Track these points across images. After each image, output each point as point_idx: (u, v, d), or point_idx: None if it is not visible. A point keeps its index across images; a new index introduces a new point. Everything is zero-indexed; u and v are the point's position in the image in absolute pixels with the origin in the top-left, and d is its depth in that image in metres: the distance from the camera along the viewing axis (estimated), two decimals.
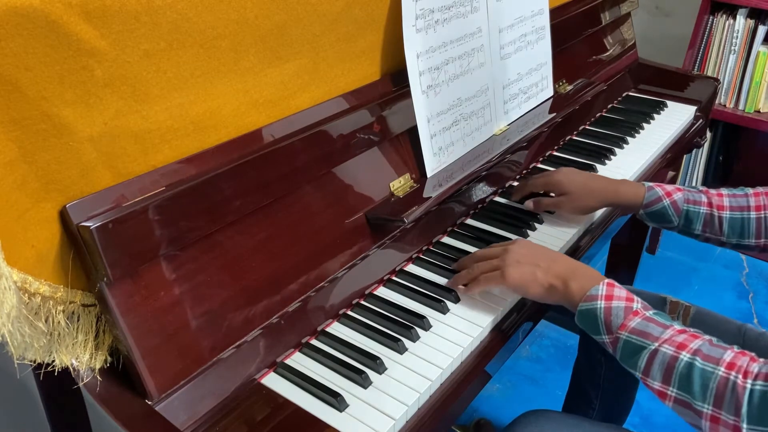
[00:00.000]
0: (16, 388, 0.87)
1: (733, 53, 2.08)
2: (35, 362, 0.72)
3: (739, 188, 1.06)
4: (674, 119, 1.60)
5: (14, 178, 0.65)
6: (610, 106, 1.65)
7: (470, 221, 1.18)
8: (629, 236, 1.82)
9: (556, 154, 1.42)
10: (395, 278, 1.03)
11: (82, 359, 0.73)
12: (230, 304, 0.82)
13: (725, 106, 2.15)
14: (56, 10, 0.64)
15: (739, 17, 2.04)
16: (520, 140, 1.22)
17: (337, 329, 0.93)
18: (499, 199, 1.25)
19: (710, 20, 2.10)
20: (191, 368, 0.77)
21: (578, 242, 1.17)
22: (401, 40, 1.00)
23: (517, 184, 1.26)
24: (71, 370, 0.74)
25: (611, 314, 0.82)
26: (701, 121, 1.65)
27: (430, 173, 1.09)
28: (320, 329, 0.92)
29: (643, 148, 1.46)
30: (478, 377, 0.89)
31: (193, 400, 0.77)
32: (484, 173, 1.19)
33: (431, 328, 0.93)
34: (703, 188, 1.08)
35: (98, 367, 0.75)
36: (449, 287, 0.99)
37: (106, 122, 0.71)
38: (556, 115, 1.33)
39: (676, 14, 2.45)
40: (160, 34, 0.74)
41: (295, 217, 0.90)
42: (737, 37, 2.05)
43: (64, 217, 0.69)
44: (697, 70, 2.16)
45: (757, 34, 2.03)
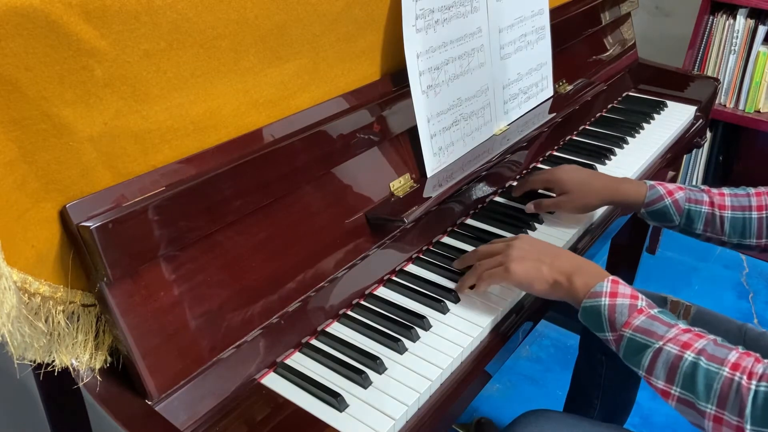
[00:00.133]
0: (16, 388, 0.87)
1: (733, 53, 2.08)
2: (35, 362, 0.72)
3: (740, 188, 1.06)
4: (674, 119, 1.60)
5: (14, 178, 0.65)
6: (610, 106, 1.65)
7: (470, 221, 1.18)
8: (629, 236, 1.82)
9: (556, 154, 1.42)
10: (395, 278, 1.03)
11: (82, 359, 0.73)
12: (230, 304, 0.82)
13: (725, 106, 2.15)
14: (56, 10, 0.64)
15: (739, 17, 2.04)
16: (520, 140, 1.22)
17: (337, 329, 0.93)
18: (499, 199, 1.25)
19: (710, 20, 2.10)
20: (191, 368, 0.77)
21: (578, 242, 1.17)
22: (401, 40, 1.00)
23: (517, 182, 1.26)
24: (71, 370, 0.74)
25: (615, 312, 0.81)
26: (701, 121, 1.65)
27: (430, 173, 1.09)
28: (320, 329, 0.92)
29: (643, 148, 1.46)
30: (478, 377, 0.89)
31: (193, 400, 0.77)
32: (484, 173, 1.19)
33: (431, 328, 0.93)
34: (704, 187, 1.07)
35: (98, 367, 0.75)
36: (457, 291, 0.98)
37: (106, 122, 0.71)
38: (556, 115, 1.33)
39: (676, 14, 2.45)
40: (160, 34, 0.74)
41: (295, 217, 0.90)
42: (737, 37, 2.05)
43: (64, 217, 0.69)
44: (697, 70, 2.16)
45: (757, 34, 2.03)
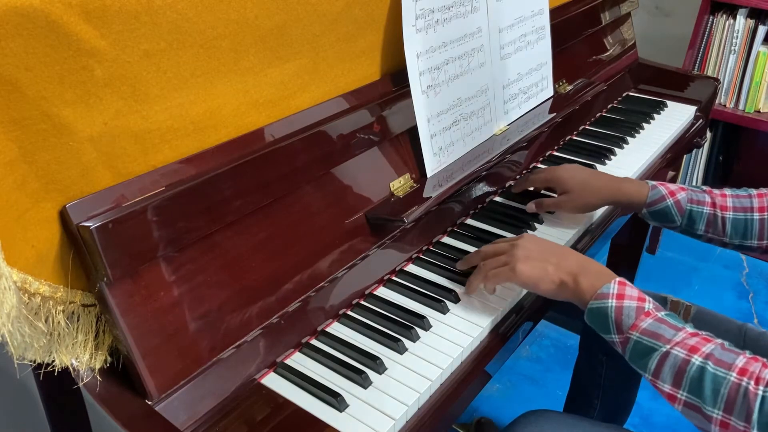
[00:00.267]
0: (16, 388, 0.87)
1: (733, 53, 2.08)
2: (35, 362, 0.72)
3: (742, 189, 1.06)
4: (674, 119, 1.60)
5: (14, 178, 0.65)
6: (610, 106, 1.65)
7: (470, 221, 1.18)
8: (629, 236, 1.82)
9: (556, 154, 1.42)
10: (395, 278, 1.03)
11: (82, 359, 0.73)
12: (230, 304, 0.82)
13: (725, 106, 2.15)
14: (56, 10, 0.64)
15: (739, 17, 2.04)
16: (520, 140, 1.22)
17: (337, 329, 0.93)
18: (499, 199, 1.25)
19: (710, 20, 2.10)
20: (191, 368, 0.77)
21: (578, 242, 1.17)
22: (401, 40, 1.00)
23: (517, 180, 1.26)
24: (71, 370, 0.74)
25: (622, 314, 0.81)
26: (701, 121, 1.65)
27: (430, 173, 1.09)
28: (320, 329, 0.92)
29: (643, 148, 1.46)
30: (478, 377, 0.89)
31: (193, 400, 0.77)
32: (484, 173, 1.19)
33: (431, 328, 0.93)
34: (706, 188, 1.07)
35: (98, 367, 0.75)
36: (466, 293, 0.97)
37: (106, 122, 0.71)
38: (556, 115, 1.33)
39: (676, 14, 2.45)
40: (160, 34, 0.74)
41: (295, 217, 0.90)
42: (737, 37, 2.05)
43: (64, 217, 0.69)
44: (697, 70, 2.16)
45: (757, 34, 2.03)
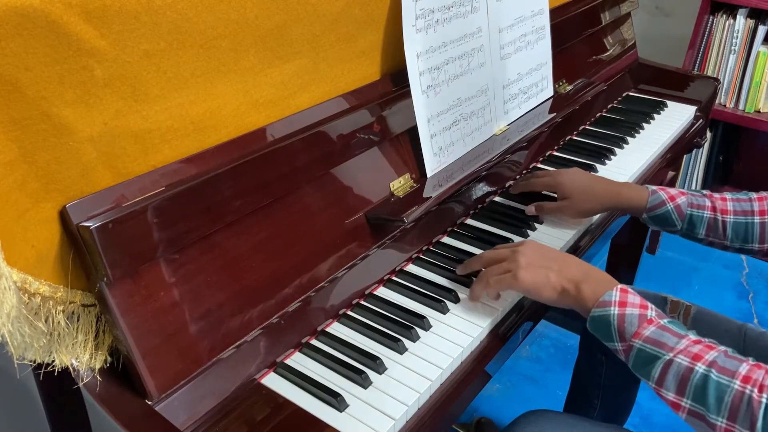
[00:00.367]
0: (16, 388, 0.87)
1: (733, 53, 2.08)
2: (35, 362, 0.72)
3: (743, 192, 1.05)
4: (674, 119, 1.60)
5: (14, 178, 0.65)
6: (610, 106, 1.65)
7: (470, 221, 1.18)
8: (629, 236, 1.82)
9: (556, 154, 1.42)
10: (395, 278, 1.03)
11: (82, 359, 0.73)
12: (230, 304, 0.82)
13: (725, 106, 2.15)
14: (56, 10, 0.64)
15: (739, 17, 2.04)
16: (520, 140, 1.22)
17: (337, 329, 0.93)
18: (499, 199, 1.25)
19: (710, 20, 2.10)
20: (191, 368, 0.77)
21: (578, 242, 1.17)
22: (401, 40, 1.00)
23: (519, 179, 1.26)
24: (71, 370, 0.74)
25: (625, 321, 0.80)
26: (701, 121, 1.65)
27: (430, 173, 1.09)
28: (320, 329, 0.92)
29: (643, 148, 1.46)
30: (478, 377, 0.89)
31: (193, 400, 0.77)
32: (484, 173, 1.19)
33: (431, 328, 0.93)
34: (706, 192, 1.07)
35: (98, 367, 0.75)
36: (470, 299, 0.96)
37: (106, 122, 0.71)
38: (556, 115, 1.33)
39: (676, 14, 2.45)
40: (160, 34, 0.74)
41: (295, 217, 0.90)
42: (737, 37, 2.05)
43: (64, 217, 0.69)
44: (697, 70, 2.16)
45: (757, 34, 2.03)
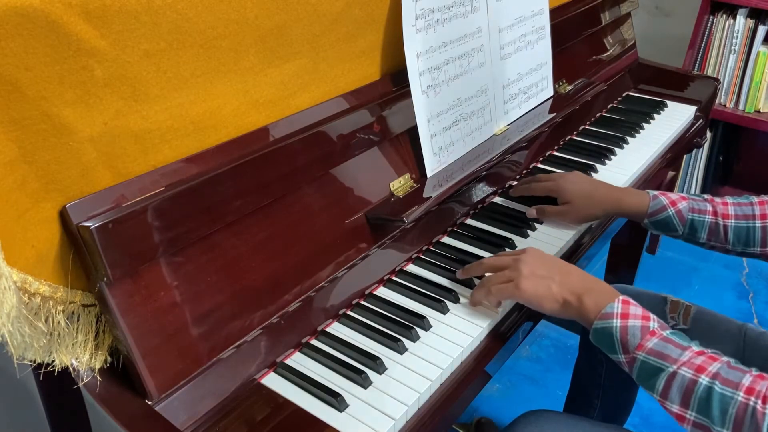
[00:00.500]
0: (16, 388, 0.87)
1: (733, 53, 2.08)
2: (35, 362, 0.72)
3: (743, 196, 1.05)
4: (674, 119, 1.60)
5: (14, 178, 0.65)
6: (610, 106, 1.65)
7: (470, 221, 1.18)
8: (629, 236, 1.82)
9: (556, 154, 1.42)
10: (395, 278, 1.03)
11: (82, 359, 0.73)
12: (230, 304, 0.82)
13: (725, 106, 2.15)
14: (56, 10, 0.64)
15: (739, 17, 2.04)
16: (520, 140, 1.22)
17: (337, 329, 0.93)
18: (499, 199, 1.25)
19: (710, 20, 2.10)
20: (191, 368, 0.77)
21: (578, 242, 1.17)
22: (401, 40, 1.00)
23: (519, 181, 1.25)
24: (71, 370, 0.74)
25: (628, 333, 0.81)
26: (701, 121, 1.65)
27: (430, 173, 1.09)
28: (320, 329, 0.92)
29: (643, 148, 1.46)
30: (478, 377, 0.89)
31: (193, 400, 0.77)
32: (484, 173, 1.19)
33: (431, 328, 0.93)
34: (707, 197, 1.07)
35: (98, 367, 0.75)
36: (470, 305, 0.96)
37: (106, 122, 0.71)
38: (556, 115, 1.33)
39: (676, 14, 2.45)
40: (160, 34, 0.74)
41: (295, 217, 0.90)
42: (737, 37, 2.05)
43: (64, 217, 0.69)
44: (697, 70, 2.16)
45: (757, 34, 2.03)
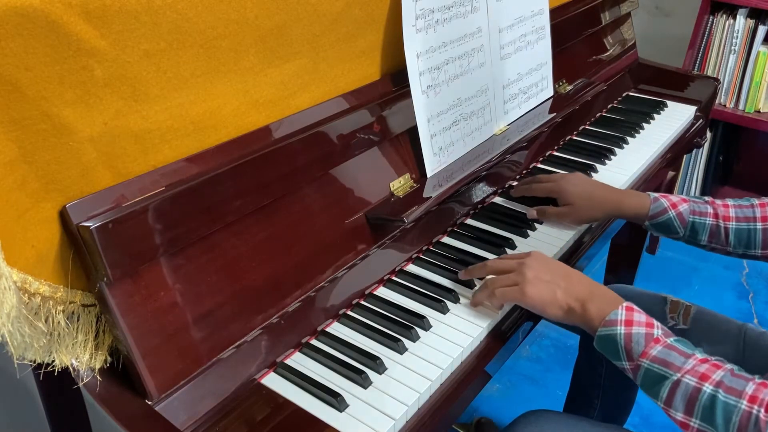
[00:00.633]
0: (16, 388, 0.87)
1: (733, 53, 2.08)
2: (35, 362, 0.72)
3: (744, 198, 1.06)
4: (674, 119, 1.60)
5: (14, 178, 0.65)
6: (610, 106, 1.65)
7: (470, 221, 1.18)
8: (629, 236, 1.82)
9: (556, 154, 1.42)
10: (395, 278, 1.03)
11: (82, 359, 0.73)
12: (230, 304, 0.82)
13: (725, 106, 2.15)
14: (56, 10, 0.64)
15: (739, 17, 2.04)
16: (520, 140, 1.22)
17: (337, 329, 0.93)
18: (499, 199, 1.25)
19: (710, 20, 2.10)
20: (191, 368, 0.77)
21: (578, 242, 1.17)
22: (401, 40, 1.00)
23: (520, 182, 1.25)
24: (71, 370, 0.74)
25: (632, 341, 0.81)
26: (701, 121, 1.65)
27: (430, 173, 1.09)
28: (320, 329, 0.92)
29: (643, 148, 1.46)
30: (478, 377, 0.89)
31: (193, 400, 0.77)
32: (484, 173, 1.19)
33: (431, 328, 0.93)
34: (708, 199, 1.07)
35: (98, 367, 0.75)
36: (472, 305, 0.96)
37: (106, 122, 0.71)
38: (556, 115, 1.33)
39: (676, 14, 2.45)
40: (160, 34, 0.74)
41: (295, 217, 0.90)
42: (737, 37, 2.05)
43: (64, 217, 0.69)
44: (697, 70, 2.16)
45: (757, 34, 2.03)
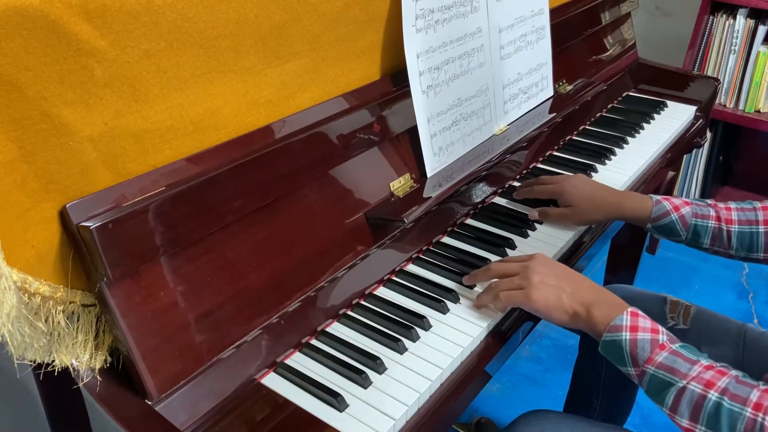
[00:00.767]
0: (16, 388, 0.87)
1: (733, 53, 2.08)
2: (35, 362, 0.72)
3: (746, 201, 1.06)
4: (674, 119, 1.60)
5: (14, 178, 0.65)
6: (610, 106, 1.65)
7: (470, 221, 1.18)
8: (629, 236, 1.82)
9: (556, 154, 1.42)
10: (395, 278, 1.03)
11: (82, 359, 0.73)
12: (230, 304, 0.82)
13: (725, 106, 2.15)
14: (56, 10, 0.64)
15: (739, 17, 2.04)
16: (520, 140, 1.22)
17: (337, 329, 0.93)
18: (499, 199, 1.25)
19: (710, 20, 2.10)
20: (191, 368, 0.77)
21: (578, 242, 1.17)
22: (401, 40, 1.00)
23: (522, 183, 1.25)
24: (71, 370, 0.74)
25: (637, 347, 0.81)
26: (701, 121, 1.65)
27: (430, 173, 1.09)
28: (320, 329, 0.92)
29: (643, 148, 1.46)
30: (478, 377, 0.89)
31: (193, 400, 0.77)
32: (484, 173, 1.19)
33: (431, 328, 0.93)
34: (711, 202, 1.07)
35: (98, 367, 0.75)
36: (475, 307, 0.96)
37: (106, 122, 0.71)
38: (556, 115, 1.33)
39: (676, 14, 2.45)
40: (160, 34, 0.74)
41: (295, 217, 0.90)
42: (737, 37, 2.05)
43: (64, 217, 0.69)
44: (697, 70, 2.16)
45: (757, 34, 2.03)
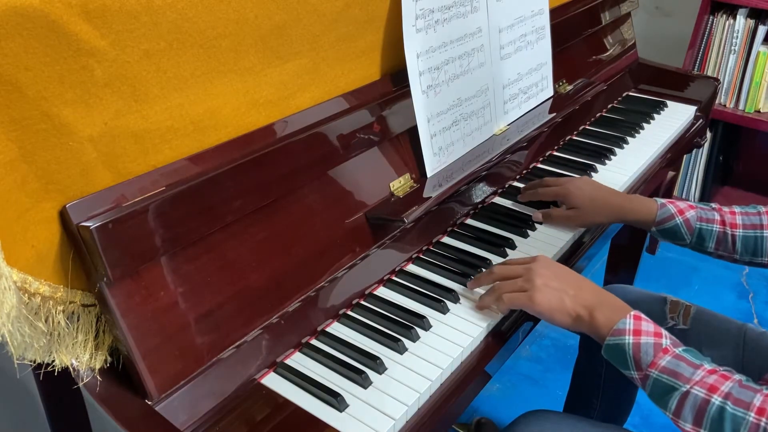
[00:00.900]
0: (16, 388, 0.87)
1: (733, 53, 2.08)
2: (35, 362, 0.72)
3: (751, 206, 1.06)
4: (674, 119, 1.60)
5: (14, 178, 0.65)
6: (610, 106, 1.65)
7: (470, 221, 1.18)
8: (629, 236, 1.82)
9: (556, 154, 1.42)
10: (395, 278, 1.03)
11: (82, 359, 0.74)
12: (230, 304, 0.82)
13: (725, 106, 2.15)
14: (56, 10, 0.64)
15: (739, 17, 2.04)
16: (520, 140, 1.22)
17: (337, 329, 0.93)
18: (499, 199, 1.25)
19: (710, 20, 2.10)
20: (191, 368, 0.77)
21: (578, 242, 1.17)
22: (401, 40, 1.00)
23: (526, 185, 1.24)
24: (71, 370, 0.74)
25: (640, 351, 0.81)
26: (701, 121, 1.65)
27: (430, 173, 1.09)
28: (320, 329, 0.92)
29: (643, 148, 1.46)
30: (478, 377, 0.89)
31: (193, 400, 0.77)
32: (484, 173, 1.19)
33: (431, 328, 0.93)
34: (715, 206, 1.07)
35: (98, 367, 0.75)
36: (478, 308, 0.95)
37: (106, 122, 0.71)
38: (556, 115, 1.33)
39: (676, 14, 2.45)
40: (160, 34, 0.74)
41: (295, 217, 0.90)
42: (737, 37, 2.06)
43: (64, 217, 0.69)
44: (697, 70, 2.16)
45: (757, 34, 2.03)
